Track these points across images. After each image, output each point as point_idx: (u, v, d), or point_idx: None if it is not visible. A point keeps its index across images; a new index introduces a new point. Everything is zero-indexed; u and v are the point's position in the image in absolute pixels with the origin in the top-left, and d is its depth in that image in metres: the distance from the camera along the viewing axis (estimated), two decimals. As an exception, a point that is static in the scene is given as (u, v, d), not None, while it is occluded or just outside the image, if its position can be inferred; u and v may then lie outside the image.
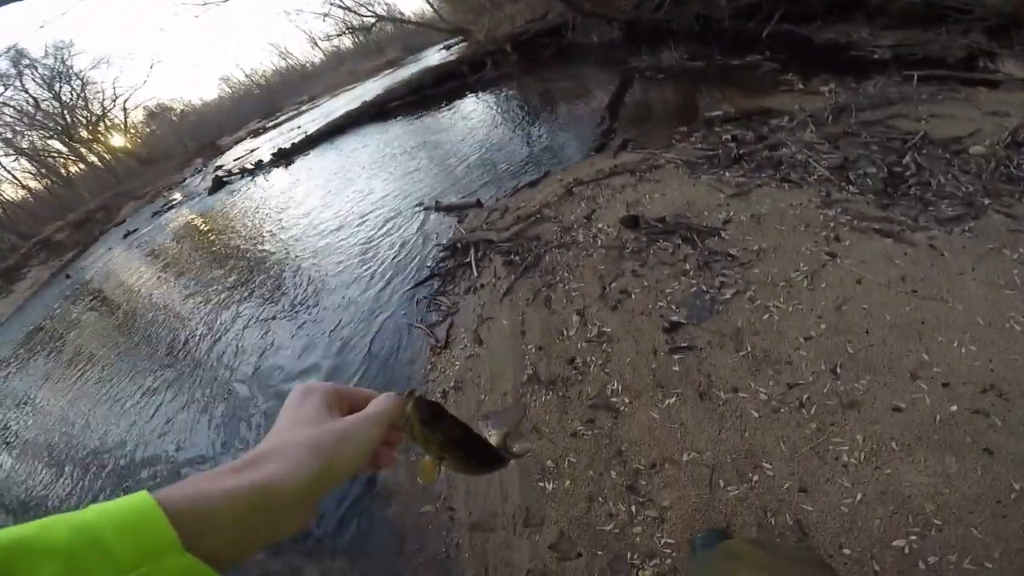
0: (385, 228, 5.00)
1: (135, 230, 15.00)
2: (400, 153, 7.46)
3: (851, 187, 2.94)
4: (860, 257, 2.40)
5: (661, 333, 2.39)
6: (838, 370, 1.92)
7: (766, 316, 2.27)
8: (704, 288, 2.53)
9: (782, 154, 3.45)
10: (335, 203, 6.46)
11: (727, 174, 3.44)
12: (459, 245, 3.73)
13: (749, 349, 2.14)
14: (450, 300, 3.36)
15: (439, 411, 0.47)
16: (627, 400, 2.14)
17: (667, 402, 2.06)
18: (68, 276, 14.49)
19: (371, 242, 4.84)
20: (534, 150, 5.48)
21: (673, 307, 2.50)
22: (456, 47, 22.03)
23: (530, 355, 2.59)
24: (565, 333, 2.63)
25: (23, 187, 30.12)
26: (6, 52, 25.55)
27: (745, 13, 6.90)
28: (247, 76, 48.64)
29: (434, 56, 22.98)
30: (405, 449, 0.49)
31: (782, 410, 1.86)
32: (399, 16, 27.29)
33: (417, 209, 4.99)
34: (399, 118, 10.51)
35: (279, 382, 3.58)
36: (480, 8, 21.05)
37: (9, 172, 29.35)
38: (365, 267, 4.41)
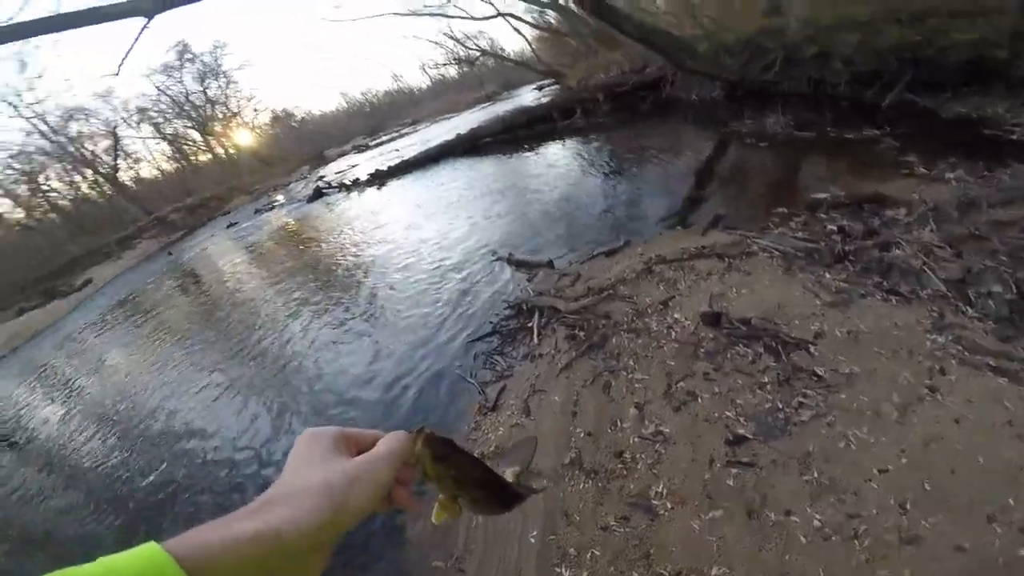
0: (458, 271, 5.10)
1: (237, 223, 16.68)
2: (484, 194, 7.65)
3: (969, 309, 2.58)
4: (965, 395, 2.09)
5: (723, 444, 2.22)
6: (907, 506, 1.72)
7: (842, 444, 2.04)
8: (780, 406, 2.32)
9: (894, 256, 3.09)
10: (416, 235, 6.74)
11: (827, 275, 3.10)
12: (525, 307, 3.71)
13: (815, 475, 1.94)
14: (506, 362, 3.34)
15: (451, 447, 0.46)
16: (669, 505, 2.02)
17: (711, 514, 1.92)
18: (170, 253, 16.45)
19: (442, 282, 4.97)
20: (616, 212, 5.34)
21: (741, 420, 2.31)
22: (549, 89, 22.71)
23: (577, 438, 2.50)
24: (619, 424, 2.51)
25: (158, 168, 34.58)
26: (175, 46, 29.49)
27: (864, 79, 6.13)
28: (362, 93, 53.13)
29: (528, 95, 23.81)
30: (419, 490, 0.48)
31: (833, 538, 1.70)
32: (500, 53, 28.96)
33: (491, 258, 5.05)
34: (489, 155, 10.88)
35: (328, 405, 3.75)
36: (576, 53, 21.71)
37: (151, 153, 33.86)
38: (432, 308, 4.53)
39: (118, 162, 30.34)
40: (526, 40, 26.16)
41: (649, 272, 3.63)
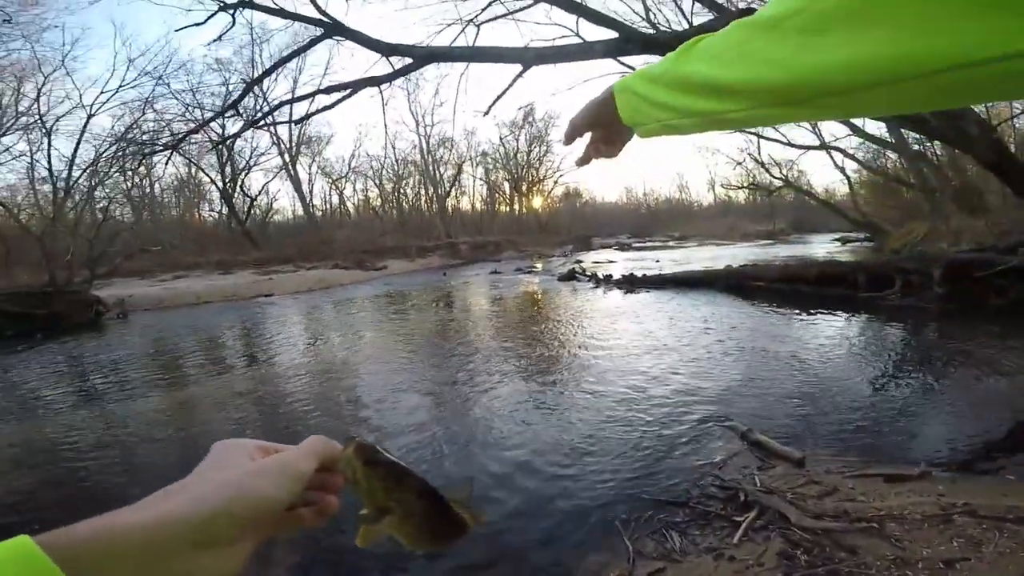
0: (673, 416, 4.21)
1: (499, 272, 19.08)
2: (736, 343, 6.47)
3: None
4: None
5: None
6: None
7: None
8: None
9: None
10: (645, 358, 6.06)
11: None
12: (742, 496, 2.79)
13: None
14: (681, 544, 2.50)
15: (384, 455, 0.43)
16: None
17: None
18: (444, 274, 19.92)
19: (650, 420, 4.16)
20: (915, 428, 3.75)
21: None
22: (856, 245, 19.42)
23: None
24: None
25: (471, 204, 42.96)
26: (525, 106, 35.60)
27: None
28: (644, 194, 56.33)
29: (823, 244, 20.97)
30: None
31: None
32: (806, 188, 26.15)
33: (722, 421, 3.99)
34: (756, 302, 9.46)
35: (481, 464, 3.56)
36: (914, 209, 17.66)
37: (473, 190, 42.50)
38: (625, 439, 3.81)
39: (451, 190, 39.06)
40: (847, 180, 22.77)
41: (945, 520, 2.40)
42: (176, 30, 16.30)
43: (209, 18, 8.17)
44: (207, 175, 30.91)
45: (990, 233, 9.91)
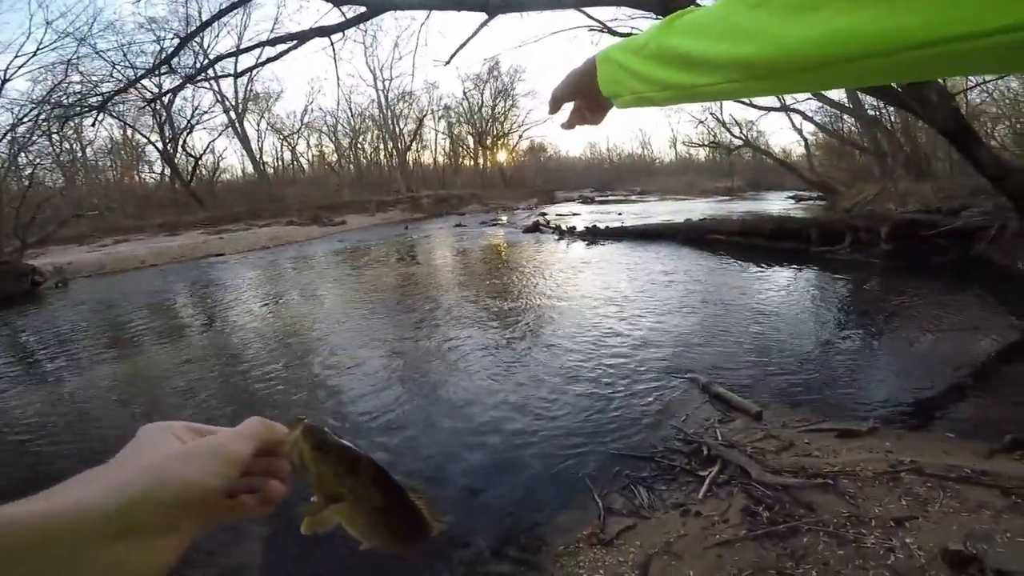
0: (635, 370, 4.30)
1: (464, 226, 18.76)
2: (697, 296, 6.61)
3: None
4: None
5: None
6: None
7: None
8: None
9: None
10: (604, 311, 6.16)
11: None
12: (705, 450, 2.89)
13: None
14: (649, 499, 2.58)
15: (335, 439, 0.39)
16: None
17: None
18: (406, 228, 19.54)
19: (615, 374, 4.24)
20: (864, 385, 3.94)
21: None
22: (809, 203, 20.17)
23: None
24: None
25: (433, 158, 41.58)
26: (490, 59, 34.90)
27: None
28: (607, 149, 55.95)
29: (778, 202, 21.64)
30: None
31: None
32: (764, 148, 26.79)
33: (683, 375, 4.09)
34: (715, 254, 9.69)
35: (439, 418, 3.56)
36: (865, 172, 18.56)
37: (435, 144, 41.05)
38: (589, 394, 3.89)
39: (412, 144, 37.58)
40: (804, 141, 23.81)
41: (894, 478, 2.58)
42: (96, -13, 14.46)
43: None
44: (143, 136, 28.61)
45: (935, 197, 10.38)
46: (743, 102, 20.66)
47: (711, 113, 25.52)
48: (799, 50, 0.35)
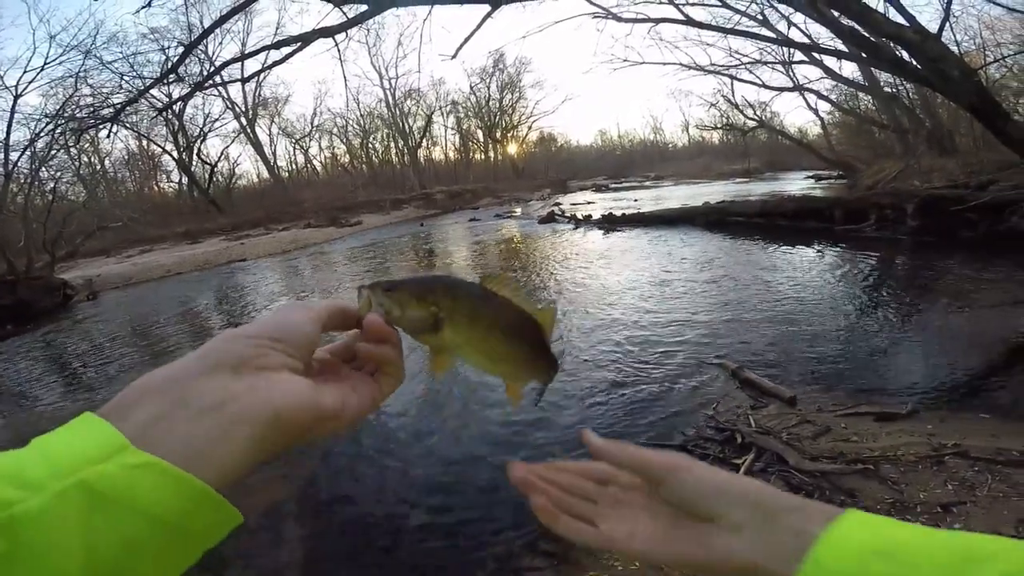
0: (661, 356, 4.29)
1: (478, 219, 18.81)
2: (721, 281, 6.51)
3: None
4: None
5: None
6: None
7: None
8: None
9: None
10: (630, 297, 6.13)
11: None
12: (739, 438, 2.88)
13: None
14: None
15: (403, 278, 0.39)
16: None
17: None
18: (422, 224, 19.61)
19: (639, 360, 4.24)
20: (901, 365, 3.85)
21: None
22: (829, 182, 19.70)
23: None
24: None
25: (444, 153, 41.80)
26: (495, 52, 34.37)
27: None
28: (619, 136, 55.27)
29: (797, 182, 21.17)
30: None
31: None
32: (780, 128, 26.19)
33: (711, 359, 4.07)
34: (737, 237, 9.54)
35: (483, 422, 3.53)
36: (886, 149, 18.05)
37: (445, 139, 41.04)
38: (614, 381, 3.90)
39: (423, 141, 37.62)
40: (820, 121, 23.33)
41: (938, 463, 2.51)
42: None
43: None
44: (158, 145, 29.28)
45: (961, 172, 10.04)
46: (756, 83, 20.22)
47: (723, 95, 24.96)
48: None
